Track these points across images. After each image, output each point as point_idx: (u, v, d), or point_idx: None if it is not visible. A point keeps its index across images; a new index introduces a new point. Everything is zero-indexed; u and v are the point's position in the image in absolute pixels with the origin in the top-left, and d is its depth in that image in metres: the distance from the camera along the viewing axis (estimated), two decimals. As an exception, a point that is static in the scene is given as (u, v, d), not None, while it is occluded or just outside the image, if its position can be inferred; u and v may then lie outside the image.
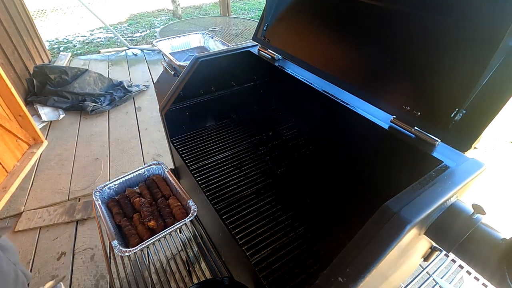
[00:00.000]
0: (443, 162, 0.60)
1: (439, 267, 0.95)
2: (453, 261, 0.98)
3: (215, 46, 1.90)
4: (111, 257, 0.97)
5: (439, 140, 0.64)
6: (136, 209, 0.95)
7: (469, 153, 0.62)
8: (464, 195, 0.59)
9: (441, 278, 0.94)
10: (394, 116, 0.71)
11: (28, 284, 0.83)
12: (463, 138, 0.60)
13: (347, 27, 0.81)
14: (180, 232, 1.12)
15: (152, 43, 4.31)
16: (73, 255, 1.62)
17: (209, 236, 1.07)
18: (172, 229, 0.86)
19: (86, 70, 3.06)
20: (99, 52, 4.27)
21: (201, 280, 0.80)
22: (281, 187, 1.00)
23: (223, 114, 1.31)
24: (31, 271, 1.54)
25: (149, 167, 1.07)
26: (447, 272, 0.93)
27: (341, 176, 1.04)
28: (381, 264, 0.45)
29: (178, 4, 5.70)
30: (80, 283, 1.48)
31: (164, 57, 1.72)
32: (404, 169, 0.75)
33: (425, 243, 0.63)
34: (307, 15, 0.93)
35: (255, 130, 1.26)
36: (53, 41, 4.71)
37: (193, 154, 1.12)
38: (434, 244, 0.59)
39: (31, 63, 3.21)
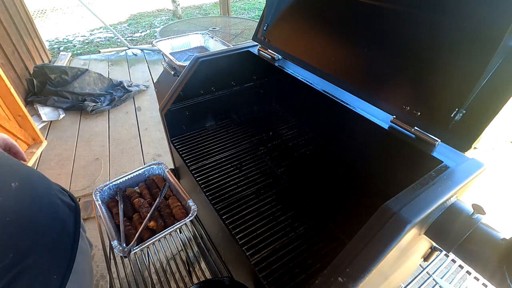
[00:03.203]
0: (443, 162, 0.60)
1: (439, 267, 0.95)
2: (453, 261, 0.98)
3: (215, 46, 1.90)
4: (111, 257, 0.97)
5: (439, 140, 0.64)
6: (136, 209, 0.95)
7: (469, 153, 0.62)
8: (464, 195, 0.59)
9: (441, 278, 0.94)
10: (394, 116, 0.71)
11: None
12: (463, 138, 0.60)
13: (347, 27, 0.81)
14: (180, 232, 1.12)
15: (152, 43, 4.31)
16: (73, 255, 1.61)
17: (209, 236, 1.07)
18: (172, 229, 0.86)
19: (86, 70, 3.06)
20: (99, 52, 4.27)
21: (201, 280, 0.80)
22: (281, 187, 1.00)
23: (223, 114, 1.31)
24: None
25: (149, 167, 1.07)
26: (447, 272, 0.93)
27: (341, 176, 1.03)
28: (381, 264, 0.45)
29: (178, 4, 5.70)
30: (80, 283, 1.48)
31: (164, 57, 1.72)
32: (404, 169, 0.75)
33: (425, 243, 0.63)
34: (307, 15, 0.93)
35: (255, 130, 1.26)
36: (53, 41, 4.71)
37: (193, 154, 1.12)
38: (434, 244, 0.59)
39: (31, 63, 3.21)
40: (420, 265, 0.92)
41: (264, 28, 1.08)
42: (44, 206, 0.63)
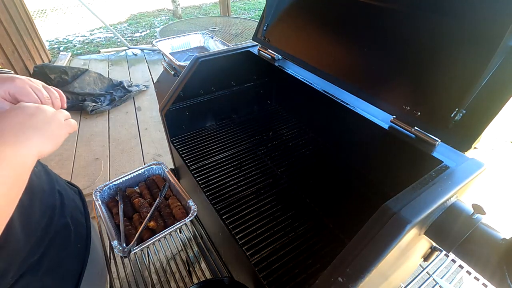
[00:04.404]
0: (443, 162, 0.60)
1: (439, 267, 0.95)
2: (453, 261, 0.98)
3: (215, 46, 1.90)
4: (111, 257, 0.97)
5: (439, 140, 0.64)
6: (136, 209, 0.95)
7: (469, 153, 0.62)
8: (464, 195, 0.59)
9: (441, 278, 0.94)
10: (394, 116, 0.71)
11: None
12: (463, 138, 0.60)
13: (347, 27, 0.81)
14: (180, 232, 1.12)
15: (152, 43, 4.31)
16: (73, 255, 1.61)
17: (209, 236, 1.07)
18: (172, 229, 0.86)
19: (86, 70, 3.06)
20: (99, 52, 4.28)
21: (201, 280, 0.80)
22: (281, 187, 1.00)
23: (223, 114, 1.31)
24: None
25: (149, 167, 1.07)
26: (447, 272, 0.93)
27: (341, 176, 1.04)
28: (381, 264, 0.45)
29: (178, 4, 5.70)
30: (80, 283, 1.48)
31: (164, 57, 1.72)
32: (404, 169, 0.75)
33: (425, 243, 0.63)
34: (307, 15, 0.93)
35: (255, 130, 1.26)
36: (53, 41, 4.72)
37: (193, 154, 1.12)
38: (434, 244, 0.59)
39: (31, 63, 3.21)
40: (420, 265, 0.92)
41: (264, 28, 1.08)
42: (58, 188, 0.70)
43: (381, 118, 0.76)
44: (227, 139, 1.21)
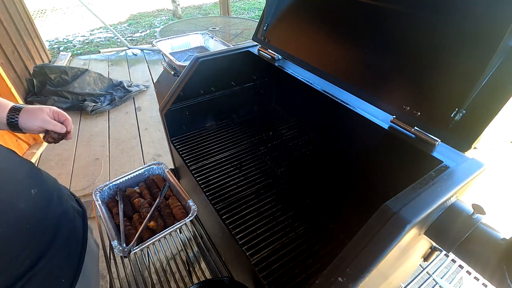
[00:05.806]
0: (443, 162, 0.60)
1: (439, 267, 0.95)
2: (453, 261, 0.98)
3: (215, 46, 1.90)
4: (111, 257, 0.97)
5: (439, 140, 0.64)
6: (136, 209, 0.95)
7: (469, 153, 0.62)
8: (464, 195, 0.59)
9: (441, 278, 0.94)
10: (394, 116, 0.71)
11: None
12: (463, 138, 0.60)
13: (347, 27, 0.81)
14: (180, 232, 1.12)
15: (152, 43, 4.31)
16: (73, 255, 1.61)
17: (209, 236, 1.07)
18: (172, 229, 0.86)
19: (86, 70, 3.06)
20: (99, 52, 4.28)
21: (201, 280, 0.80)
22: (281, 187, 1.00)
23: (223, 114, 1.31)
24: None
25: (149, 167, 1.07)
26: (447, 272, 0.93)
27: (341, 176, 1.03)
28: (381, 264, 0.45)
29: (178, 4, 5.70)
30: (80, 283, 1.48)
31: (164, 57, 1.72)
32: (404, 169, 0.75)
33: (425, 243, 0.63)
34: (307, 15, 0.93)
35: (255, 130, 1.26)
36: (53, 41, 4.71)
37: (193, 154, 1.12)
38: (434, 244, 0.59)
39: (31, 63, 3.21)
40: (420, 265, 0.92)
41: (264, 28, 1.08)
42: (58, 212, 0.65)
43: (381, 118, 0.76)
44: (227, 139, 1.20)
